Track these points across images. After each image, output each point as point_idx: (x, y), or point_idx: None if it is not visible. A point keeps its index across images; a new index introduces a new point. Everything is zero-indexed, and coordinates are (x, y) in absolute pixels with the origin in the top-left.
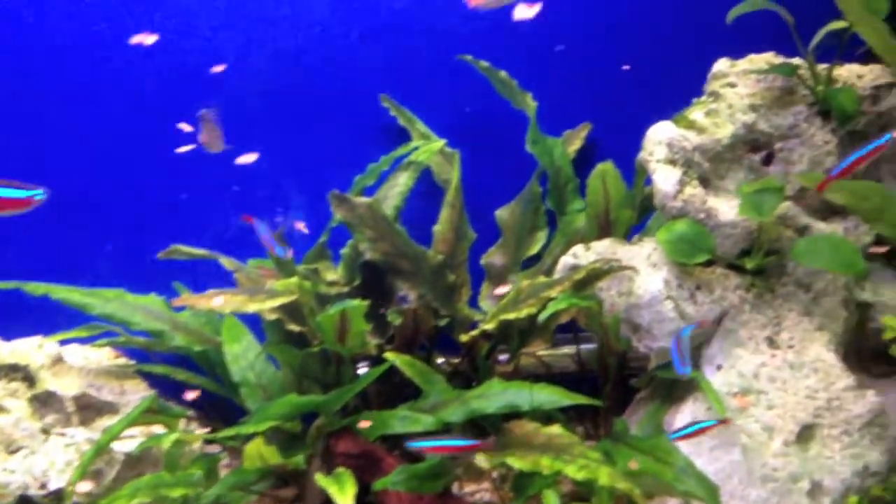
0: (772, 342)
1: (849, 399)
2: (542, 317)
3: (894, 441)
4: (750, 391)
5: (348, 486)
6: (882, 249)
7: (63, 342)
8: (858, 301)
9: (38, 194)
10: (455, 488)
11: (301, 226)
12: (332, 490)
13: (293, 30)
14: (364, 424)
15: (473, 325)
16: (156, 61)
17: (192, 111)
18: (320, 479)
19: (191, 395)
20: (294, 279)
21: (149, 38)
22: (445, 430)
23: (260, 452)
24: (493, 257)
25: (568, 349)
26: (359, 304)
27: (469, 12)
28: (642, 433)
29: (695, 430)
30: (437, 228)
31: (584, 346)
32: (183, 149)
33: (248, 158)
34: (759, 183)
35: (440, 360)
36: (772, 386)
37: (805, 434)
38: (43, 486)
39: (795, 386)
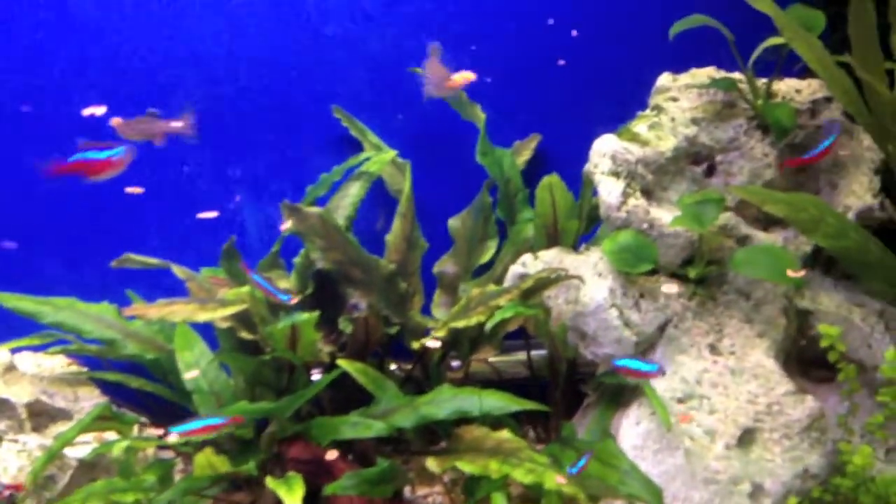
0: (714, 349)
1: (789, 404)
2: (489, 325)
3: (833, 444)
4: (692, 396)
5: (297, 487)
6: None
7: (15, 350)
8: (798, 308)
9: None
10: (407, 492)
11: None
12: (281, 492)
13: (244, 39)
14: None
15: (426, 333)
16: (109, 67)
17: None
18: (270, 482)
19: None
20: (246, 288)
21: (99, 110)
22: (398, 434)
23: (210, 461)
24: (445, 266)
25: (520, 355)
26: (309, 317)
27: (419, 25)
28: (590, 437)
29: None
30: (389, 238)
31: (535, 353)
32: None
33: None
34: (700, 194)
35: (393, 367)
36: (714, 391)
37: (746, 438)
38: None
39: (737, 391)
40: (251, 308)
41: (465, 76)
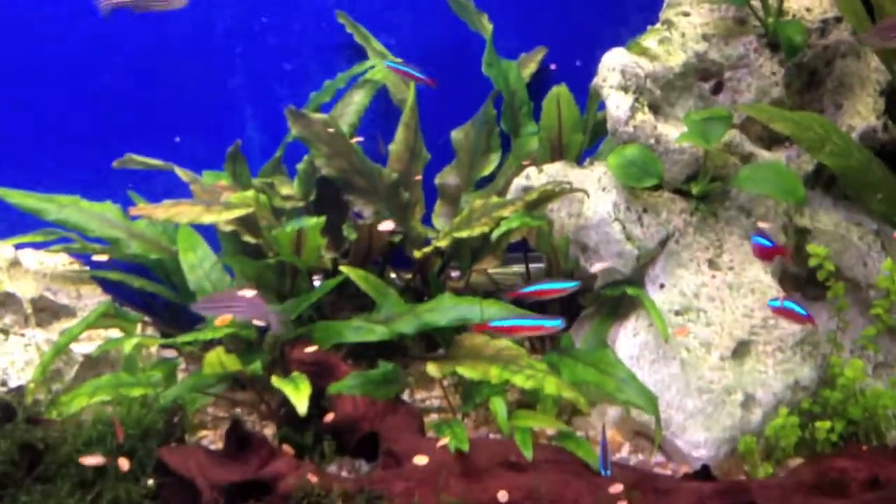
0: (713, 264)
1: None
2: (496, 234)
3: (824, 359)
4: (690, 309)
5: (303, 387)
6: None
7: (18, 246)
8: (797, 227)
9: None
10: (406, 396)
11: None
12: (288, 391)
13: None
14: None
15: (426, 242)
16: None
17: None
18: (276, 382)
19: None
20: (250, 192)
21: None
22: (397, 342)
23: (220, 359)
24: (447, 177)
25: (518, 268)
26: (315, 222)
27: None
28: (587, 347)
29: None
30: (392, 147)
31: (533, 266)
32: None
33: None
34: (707, 111)
35: (393, 276)
36: (711, 305)
37: (741, 350)
38: (3, 383)
39: (733, 305)
40: (256, 212)
41: None
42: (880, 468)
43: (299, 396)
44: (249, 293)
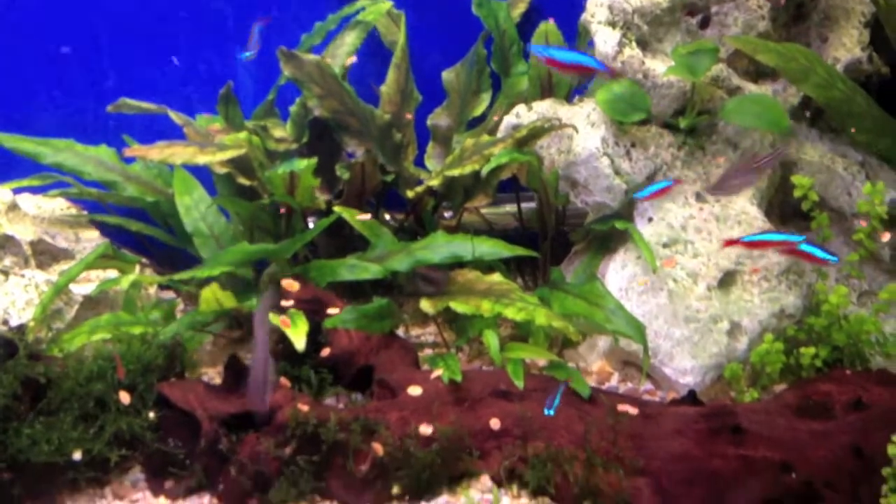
0: (700, 196)
1: None
2: (485, 170)
3: (809, 287)
4: (677, 241)
5: (301, 324)
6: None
7: (15, 192)
8: (783, 159)
9: None
10: (402, 333)
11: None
12: (286, 328)
13: None
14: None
15: (419, 183)
16: None
17: None
18: (274, 319)
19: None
20: (243, 134)
21: None
22: (394, 278)
23: (216, 296)
24: (439, 118)
25: (510, 207)
26: (308, 164)
27: None
28: (577, 281)
29: None
30: (383, 89)
31: (524, 205)
32: None
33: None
34: (694, 45)
35: (387, 217)
36: (698, 236)
37: (727, 280)
38: (4, 322)
39: (720, 236)
40: (249, 153)
41: None
42: (864, 391)
43: (297, 333)
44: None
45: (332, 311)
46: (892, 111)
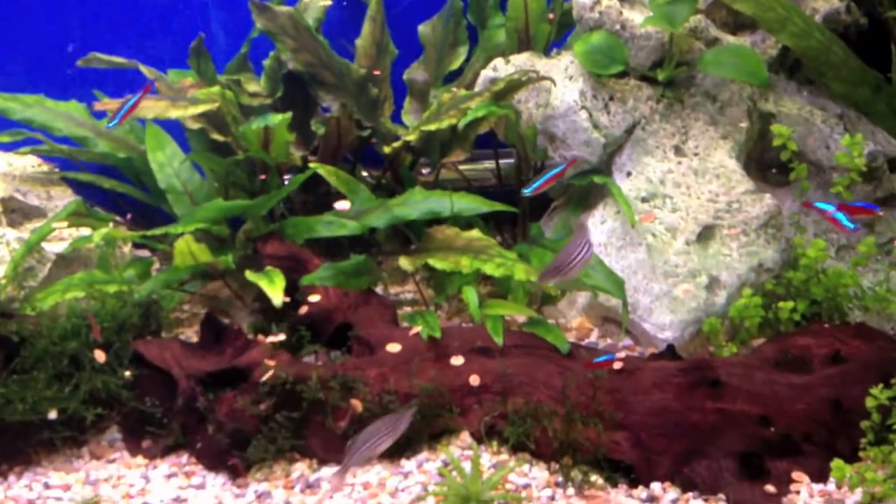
0: (678, 150)
1: (747, 202)
2: (462, 124)
3: (787, 242)
4: (656, 196)
5: (277, 280)
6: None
7: None
8: (761, 111)
9: None
10: (381, 291)
11: None
12: (263, 284)
13: None
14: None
15: (396, 139)
16: None
17: None
18: (250, 275)
19: None
20: (216, 88)
21: None
22: (372, 236)
23: (190, 249)
24: (416, 73)
25: (489, 164)
26: (282, 118)
27: None
28: (556, 237)
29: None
30: (359, 42)
31: (503, 161)
32: None
33: None
34: None
35: (364, 174)
36: (676, 191)
37: (705, 234)
38: None
39: (698, 190)
40: (222, 108)
41: None
42: (842, 344)
43: (274, 289)
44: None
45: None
46: (870, 62)
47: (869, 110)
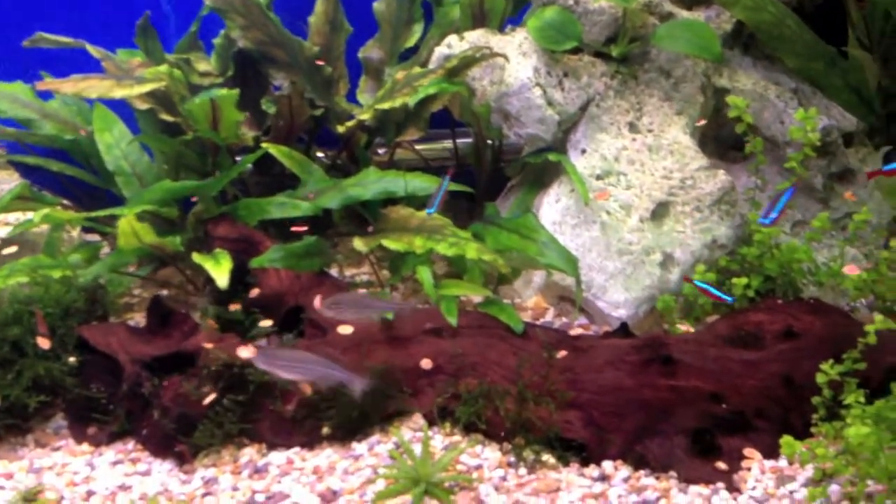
0: (633, 127)
1: (701, 178)
2: (413, 101)
3: (742, 218)
4: (611, 173)
5: (224, 262)
6: None
7: None
8: (716, 87)
9: None
10: (336, 272)
11: None
12: (209, 265)
13: None
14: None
15: (351, 118)
16: None
17: None
18: (197, 258)
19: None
20: (163, 67)
21: None
22: (328, 217)
23: (133, 229)
24: (371, 51)
25: (447, 143)
26: (228, 93)
27: None
28: (513, 216)
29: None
30: (312, 20)
31: (461, 141)
32: None
33: None
34: None
35: (320, 155)
36: (631, 168)
37: (660, 211)
38: None
39: (653, 167)
40: (170, 87)
41: None
42: (795, 320)
43: (219, 270)
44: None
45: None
46: (825, 36)
47: (823, 84)
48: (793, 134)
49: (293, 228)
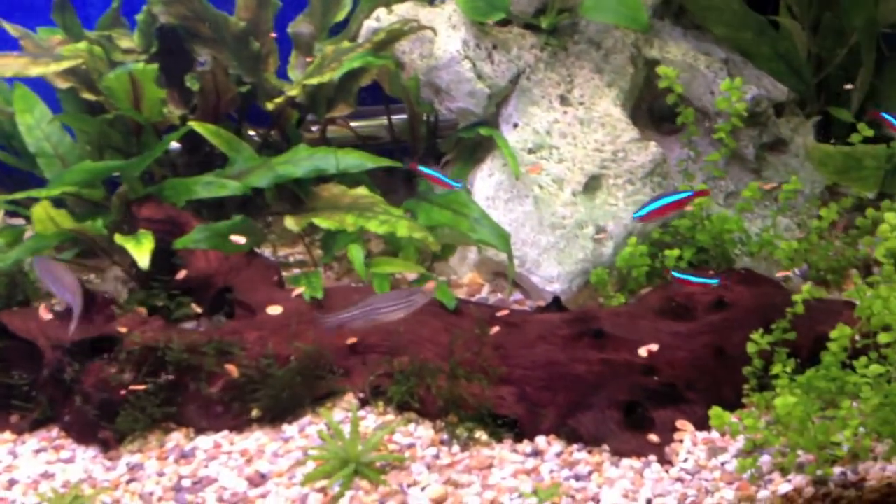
0: (564, 99)
1: (633, 150)
2: (337, 74)
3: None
4: (543, 147)
5: (146, 243)
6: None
7: None
8: (646, 58)
9: None
10: (270, 254)
11: None
12: (130, 246)
13: None
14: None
15: (281, 95)
16: None
17: None
18: (119, 239)
19: None
20: (82, 44)
21: None
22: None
23: (49, 215)
24: (301, 26)
25: (384, 120)
26: (145, 68)
27: None
28: (444, 192)
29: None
30: None
31: (396, 117)
32: None
33: None
34: None
35: (252, 133)
36: (563, 141)
37: (592, 184)
38: None
39: (585, 140)
40: (90, 65)
41: None
42: (726, 291)
43: (141, 251)
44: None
45: None
46: (753, 5)
47: (753, 54)
48: (719, 105)
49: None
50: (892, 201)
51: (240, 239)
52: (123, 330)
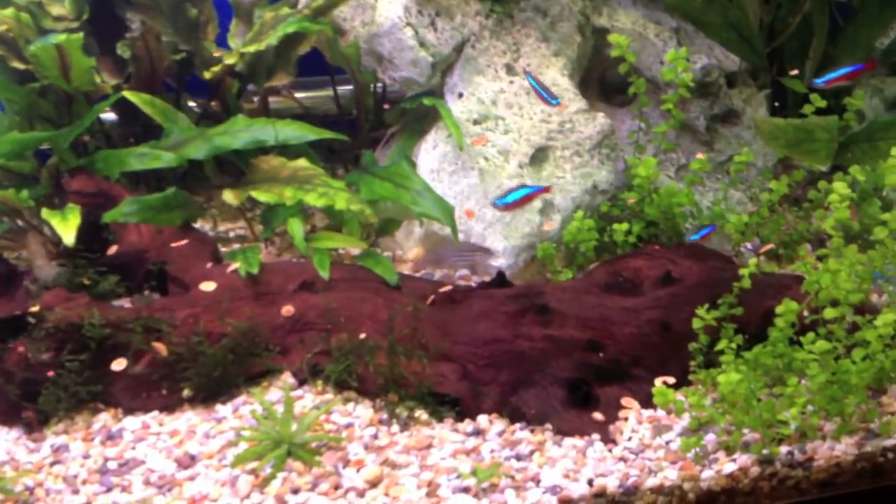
0: (510, 69)
1: (580, 122)
2: (272, 40)
3: (623, 162)
4: (488, 117)
5: (72, 218)
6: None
7: None
8: (595, 26)
9: None
10: (210, 229)
11: None
12: (55, 222)
13: None
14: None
15: (219, 63)
16: None
17: None
18: (45, 213)
19: None
20: (9, 10)
21: None
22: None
23: None
24: None
25: (328, 92)
26: (70, 37)
27: None
28: (390, 164)
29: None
30: None
31: (342, 88)
32: None
33: None
34: None
35: (192, 104)
36: (509, 112)
37: (538, 156)
38: None
39: (531, 111)
40: (17, 32)
41: None
42: (673, 265)
43: (66, 227)
44: None
45: None
46: None
47: (703, 22)
48: (665, 75)
49: None
50: (845, 174)
51: None
52: (45, 307)
